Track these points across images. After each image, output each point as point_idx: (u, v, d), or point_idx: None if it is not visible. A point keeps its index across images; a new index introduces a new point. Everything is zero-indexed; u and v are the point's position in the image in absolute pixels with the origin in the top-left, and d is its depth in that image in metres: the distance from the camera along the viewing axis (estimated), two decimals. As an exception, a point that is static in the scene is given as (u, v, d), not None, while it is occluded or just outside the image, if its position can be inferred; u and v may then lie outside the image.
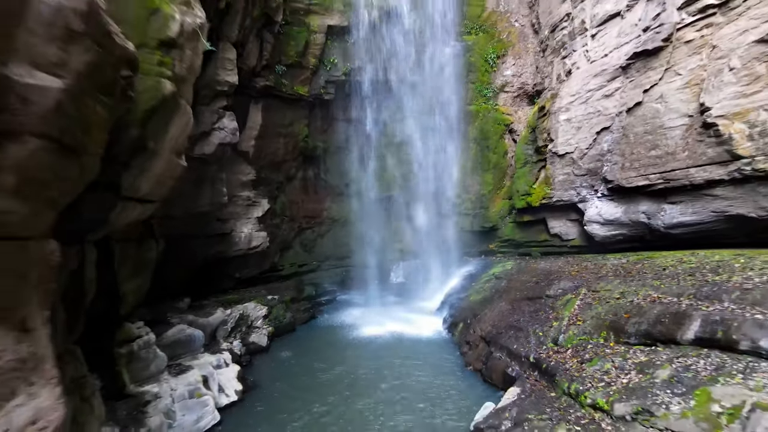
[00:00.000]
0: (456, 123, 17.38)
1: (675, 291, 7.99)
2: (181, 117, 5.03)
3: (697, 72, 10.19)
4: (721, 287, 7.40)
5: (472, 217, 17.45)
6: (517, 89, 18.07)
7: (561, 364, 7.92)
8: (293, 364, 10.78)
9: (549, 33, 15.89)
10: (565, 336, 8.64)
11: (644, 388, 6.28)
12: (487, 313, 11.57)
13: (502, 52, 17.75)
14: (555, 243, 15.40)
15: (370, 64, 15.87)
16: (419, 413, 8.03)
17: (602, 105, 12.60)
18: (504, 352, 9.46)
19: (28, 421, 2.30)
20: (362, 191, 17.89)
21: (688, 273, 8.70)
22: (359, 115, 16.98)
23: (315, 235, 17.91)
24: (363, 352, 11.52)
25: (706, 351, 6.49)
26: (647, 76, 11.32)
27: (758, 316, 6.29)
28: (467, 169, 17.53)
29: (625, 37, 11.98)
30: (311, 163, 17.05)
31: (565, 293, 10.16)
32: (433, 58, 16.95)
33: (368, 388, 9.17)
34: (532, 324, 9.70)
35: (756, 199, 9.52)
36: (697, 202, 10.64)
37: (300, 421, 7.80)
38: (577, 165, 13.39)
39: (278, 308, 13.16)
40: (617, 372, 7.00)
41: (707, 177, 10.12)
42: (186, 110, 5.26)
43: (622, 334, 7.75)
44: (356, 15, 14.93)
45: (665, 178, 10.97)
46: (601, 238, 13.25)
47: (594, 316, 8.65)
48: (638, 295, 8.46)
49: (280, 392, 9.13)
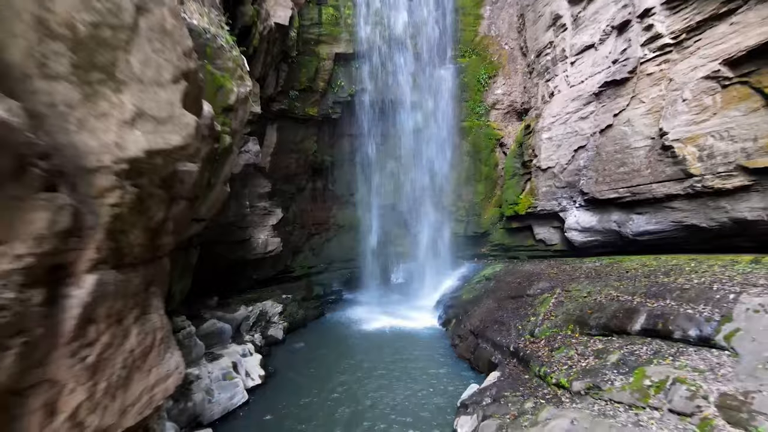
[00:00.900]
0: (451, 138, 18.66)
1: (630, 290, 9.26)
2: (232, 157, 6.32)
3: (657, 101, 11.48)
4: (667, 287, 8.67)
5: (465, 224, 18.73)
6: (507, 106, 19.35)
7: (535, 352, 9.19)
8: (306, 354, 12.07)
9: (535, 57, 17.19)
10: (540, 329, 9.91)
11: (597, 369, 7.55)
12: (476, 310, 12.84)
13: (493, 73, 19.04)
14: (540, 247, 16.66)
15: (372, 85, 17.19)
16: (415, 393, 9.31)
17: (579, 126, 13.88)
18: (489, 344, 10.73)
19: (177, 365, 3.54)
20: (365, 200, 19.18)
21: (644, 275, 9.97)
22: (363, 131, 18.28)
23: (323, 240, 19.21)
24: (367, 344, 12.79)
25: (649, 339, 7.75)
26: (616, 102, 12.60)
27: (689, 311, 7.55)
28: (461, 180, 18.81)
29: (598, 67, 13.27)
30: (319, 175, 18.37)
31: (542, 293, 11.43)
32: (430, 80, 18.26)
33: (371, 373, 10.45)
34: (513, 319, 10.97)
35: (706, 212, 10.79)
36: (659, 213, 11.92)
37: (314, 400, 9.07)
38: (558, 178, 14.66)
39: (291, 306, 14.46)
40: (578, 357, 8.27)
41: (666, 192, 11.40)
42: (235, 151, 6.57)
43: (585, 326, 9.02)
44: (360, 43, 16.27)
45: (632, 192, 12.25)
46: (580, 243, 14.51)
47: (564, 312, 9.92)
48: (601, 294, 9.73)
49: (296, 377, 10.42)
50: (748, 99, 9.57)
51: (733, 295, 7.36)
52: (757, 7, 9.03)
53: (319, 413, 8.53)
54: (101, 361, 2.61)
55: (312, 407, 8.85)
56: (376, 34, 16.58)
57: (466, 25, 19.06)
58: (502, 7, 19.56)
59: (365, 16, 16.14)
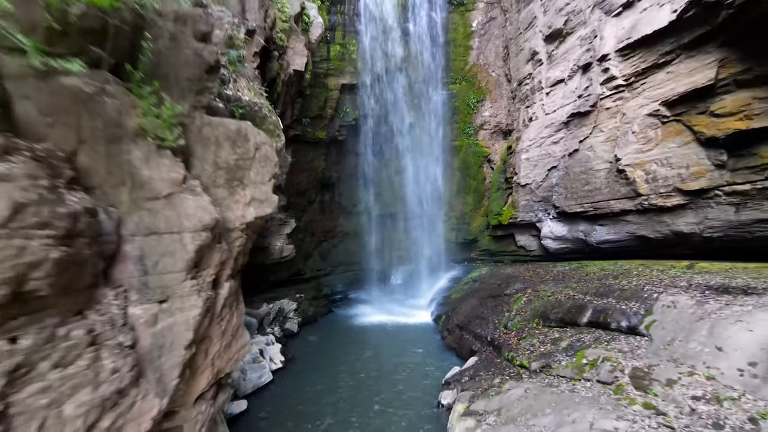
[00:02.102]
0: (443, 155, 20.43)
1: (584, 290, 10.99)
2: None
3: (613, 131, 13.23)
4: (611, 288, 10.40)
5: (456, 231, 20.46)
6: (494, 127, 21.12)
7: (506, 341, 10.92)
8: (318, 344, 13.80)
9: (517, 85, 18.96)
10: (512, 322, 11.64)
11: (551, 353, 9.28)
12: (462, 308, 14.56)
13: (481, 97, 20.82)
14: (521, 253, 18.37)
15: (374, 110, 18.98)
16: (410, 373, 11.04)
17: (551, 149, 15.63)
18: (471, 335, 12.46)
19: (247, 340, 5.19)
20: (368, 210, 20.93)
21: (598, 278, 11.70)
22: (366, 149, 20.05)
23: (330, 246, 20.95)
24: (369, 337, 14.51)
25: (593, 329, 9.47)
26: (581, 130, 14.34)
27: (623, 307, 9.27)
28: (453, 192, 20.56)
29: (567, 100, 15.02)
30: (327, 188, 20.13)
31: (517, 292, 13.16)
32: (424, 104, 20.05)
33: (373, 359, 12.18)
34: (492, 315, 12.70)
35: (653, 225, 12.52)
36: (617, 225, 13.64)
37: (325, 379, 10.79)
38: (535, 193, 16.40)
39: (304, 303, 16.20)
40: (539, 344, 9.99)
41: (622, 207, 13.12)
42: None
43: (547, 320, 10.74)
44: (363, 74, 18.07)
45: (594, 206, 13.97)
46: (553, 250, 16.22)
47: (532, 308, 11.65)
48: (562, 294, 11.46)
49: (310, 362, 12.16)
50: (681, 134, 11.32)
51: (656, 294, 9.09)
52: (686, 61, 10.78)
53: (329, 388, 10.25)
54: (226, 329, 4.26)
55: (323, 384, 10.58)
56: (377, 66, 18.38)
57: (456, 55, 20.86)
58: (489, 38, 21.35)
59: (367, 51, 17.95)
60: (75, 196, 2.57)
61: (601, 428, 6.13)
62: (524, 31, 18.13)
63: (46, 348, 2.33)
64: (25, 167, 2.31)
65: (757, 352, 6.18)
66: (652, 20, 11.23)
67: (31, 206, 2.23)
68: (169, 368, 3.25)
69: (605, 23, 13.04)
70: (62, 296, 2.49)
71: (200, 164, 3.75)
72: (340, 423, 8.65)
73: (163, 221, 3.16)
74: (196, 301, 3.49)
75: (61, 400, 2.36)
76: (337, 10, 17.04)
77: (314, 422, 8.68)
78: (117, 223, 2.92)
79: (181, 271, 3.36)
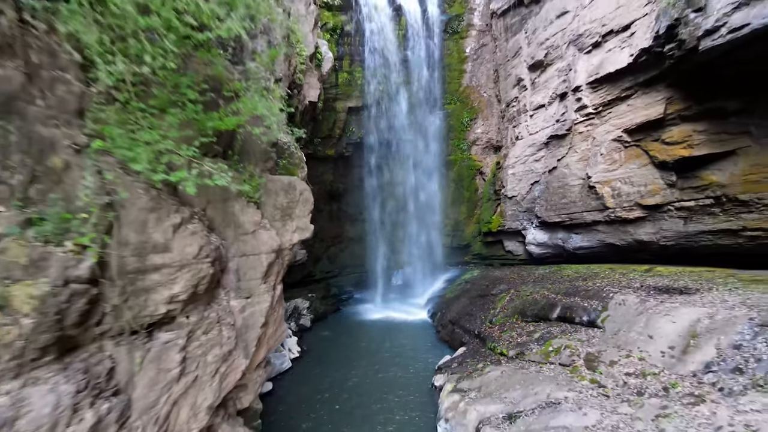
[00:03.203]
0: (440, 168, 22.04)
1: (556, 290, 12.53)
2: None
3: (585, 152, 14.80)
4: (578, 289, 11.94)
5: (451, 237, 22.03)
6: (485, 142, 22.70)
7: (490, 334, 12.46)
8: (329, 337, 15.38)
9: (505, 106, 20.56)
10: (496, 318, 13.19)
11: (526, 342, 10.82)
12: (455, 306, 16.12)
13: (473, 116, 22.42)
14: (509, 257, 19.91)
15: (377, 129, 20.64)
16: (408, 361, 12.59)
17: (534, 166, 17.22)
18: (461, 329, 14.02)
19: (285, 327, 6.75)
20: (372, 217, 22.54)
21: (569, 280, 13.24)
22: (370, 164, 21.68)
23: (338, 250, 22.56)
24: (373, 331, 16.08)
25: (561, 323, 10.99)
26: (559, 150, 15.93)
27: (586, 304, 10.80)
28: (448, 202, 22.15)
29: (547, 123, 16.61)
30: (335, 199, 21.75)
31: (501, 292, 14.71)
32: (422, 123, 21.69)
33: (377, 350, 13.73)
34: (479, 312, 14.25)
35: (619, 234, 14.07)
36: (589, 234, 15.19)
37: (336, 366, 12.35)
38: (520, 205, 17.98)
39: (315, 302, 17.80)
40: (517, 336, 11.53)
41: (593, 218, 14.68)
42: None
43: (525, 316, 12.28)
44: (368, 97, 19.74)
45: (570, 217, 15.53)
46: (537, 254, 17.77)
47: (513, 306, 13.20)
48: (538, 293, 13.00)
49: (323, 352, 13.74)
50: (640, 157, 12.90)
51: (612, 294, 10.62)
52: (642, 97, 12.37)
53: (339, 373, 11.82)
54: (276, 318, 5.82)
55: (335, 370, 12.14)
56: (380, 89, 20.05)
57: (451, 78, 22.49)
58: (481, 63, 22.97)
59: (371, 77, 19.62)
60: (214, 236, 4.12)
61: (555, 397, 7.71)
62: (511, 58, 19.75)
63: (199, 322, 3.85)
64: (200, 224, 3.91)
65: (676, 338, 7.75)
66: (615, 60, 12.83)
67: (204, 246, 3.83)
68: (251, 340, 4.77)
69: (578, 59, 14.63)
70: (205, 294, 4.05)
71: (266, 208, 5.28)
72: (351, 400, 10.23)
73: (250, 247, 4.71)
74: (266, 297, 5.04)
75: (206, 352, 3.90)
76: (344, 42, 18.72)
77: (330, 399, 10.27)
78: (226, 250, 4.45)
79: (259, 279, 4.93)
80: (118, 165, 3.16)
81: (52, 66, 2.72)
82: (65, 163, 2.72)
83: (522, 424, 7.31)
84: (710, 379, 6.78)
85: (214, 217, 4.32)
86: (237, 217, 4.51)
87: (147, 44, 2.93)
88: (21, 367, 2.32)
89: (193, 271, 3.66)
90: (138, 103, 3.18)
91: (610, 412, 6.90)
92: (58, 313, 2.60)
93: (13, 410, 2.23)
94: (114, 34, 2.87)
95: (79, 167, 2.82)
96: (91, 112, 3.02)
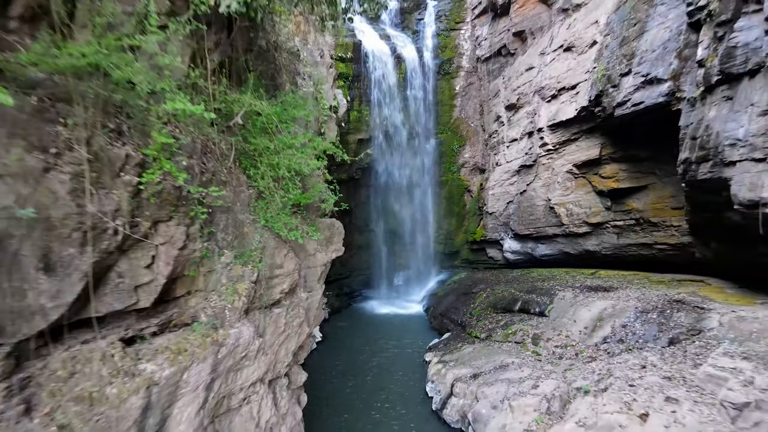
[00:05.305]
0: (434, 187, 25.08)
1: (520, 289, 15.49)
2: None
3: (547, 180, 17.82)
4: (536, 287, 14.91)
5: (443, 245, 25.02)
6: (472, 165, 25.71)
7: (469, 322, 15.43)
8: (343, 326, 18.38)
9: (488, 136, 23.62)
10: (474, 311, 16.17)
11: (494, 328, 13.81)
12: (444, 301, 19.10)
13: (462, 143, 25.47)
14: (491, 262, 22.85)
15: (382, 155, 23.77)
16: (406, 344, 15.54)
17: (509, 189, 20.24)
18: (448, 320, 17.00)
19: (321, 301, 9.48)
20: (377, 229, 25.57)
21: (533, 281, 16.21)
22: (376, 184, 24.78)
23: (348, 256, 25.45)
24: (378, 322, 19.04)
25: (521, 314, 13.95)
26: (528, 177, 18.93)
27: (538, 299, 13.77)
28: (441, 215, 25.15)
29: (519, 154, 19.63)
30: (346, 214, 24.80)
31: (480, 291, 17.69)
32: (419, 150, 24.80)
33: (383, 336, 16.70)
34: (462, 306, 17.23)
35: (573, 245, 17.04)
36: (551, 244, 18.17)
37: (351, 348, 15.29)
38: (498, 220, 20.98)
39: (331, 299, 20.80)
40: (488, 323, 14.49)
41: (553, 232, 17.66)
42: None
43: (496, 308, 15.24)
44: (374, 130, 22.88)
45: (536, 231, 18.52)
46: (512, 260, 20.73)
47: (488, 301, 16.17)
48: (507, 291, 15.98)
49: (340, 337, 16.74)
50: (585, 186, 15.91)
51: (558, 291, 13.59)
52: (585, 140, 15.40)
53: (354, 352, 14.81)
54: (319, 304, 8.84)
55: (350, 349, 15.15)
56: (384, 124, 23.20)
57: (443, 111, 25.59)
58: (469, 98, 26.06)
59: (377, 113, 22.77)
60: (296, 258, 7.22)
61: (505, 362, 10.69)
62: (493, 98, 22.85)
63: (291, 304, 6.81)
64: (293, 252, 7.10)
65: (589, 322, 10.74)
66: (566, 111, 15.88)
67: (295, 264, 6.94)
68: (310, 317, 7.72)
69: (541, 106, 17.69)
70: (293, 289, 7.05)
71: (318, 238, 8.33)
72: (364, 370, 13.22)
73: (311, 263, 7.69)
74: (318, 291, 8.01)
75: (292, 320, 6.88)
76: (355, 86, 21.89)
77: (347, 371, 13.26)
78: (300, 265, 7.53)
79: (315, 281, 7.89)
80: (265, 229, 6.19)
81: (238, 185, 5.76)
82: (249, 229, 5.74)
83: (481, 378, 10.30)
84: (604, 348, 9.77)
85: (294, 247, 7.29)
86: (305, 245, 7.48)
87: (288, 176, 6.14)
88: (239, 317, 5.35)
89: (292, 276, 6.62)
90: (271, 196, 6.27)
91: (539, 369, 9.89)
92: (248, 296, 5.62)
93: (240, 335, 5.27)
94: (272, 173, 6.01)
95: (253, 231, 5.84)
96: (252, 204, 6.07)
